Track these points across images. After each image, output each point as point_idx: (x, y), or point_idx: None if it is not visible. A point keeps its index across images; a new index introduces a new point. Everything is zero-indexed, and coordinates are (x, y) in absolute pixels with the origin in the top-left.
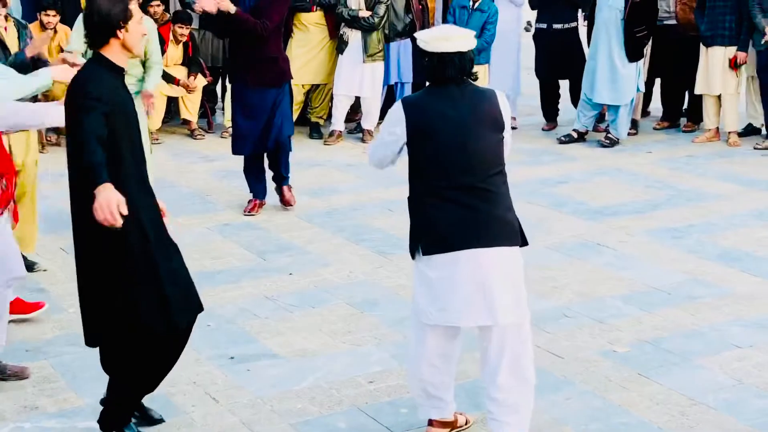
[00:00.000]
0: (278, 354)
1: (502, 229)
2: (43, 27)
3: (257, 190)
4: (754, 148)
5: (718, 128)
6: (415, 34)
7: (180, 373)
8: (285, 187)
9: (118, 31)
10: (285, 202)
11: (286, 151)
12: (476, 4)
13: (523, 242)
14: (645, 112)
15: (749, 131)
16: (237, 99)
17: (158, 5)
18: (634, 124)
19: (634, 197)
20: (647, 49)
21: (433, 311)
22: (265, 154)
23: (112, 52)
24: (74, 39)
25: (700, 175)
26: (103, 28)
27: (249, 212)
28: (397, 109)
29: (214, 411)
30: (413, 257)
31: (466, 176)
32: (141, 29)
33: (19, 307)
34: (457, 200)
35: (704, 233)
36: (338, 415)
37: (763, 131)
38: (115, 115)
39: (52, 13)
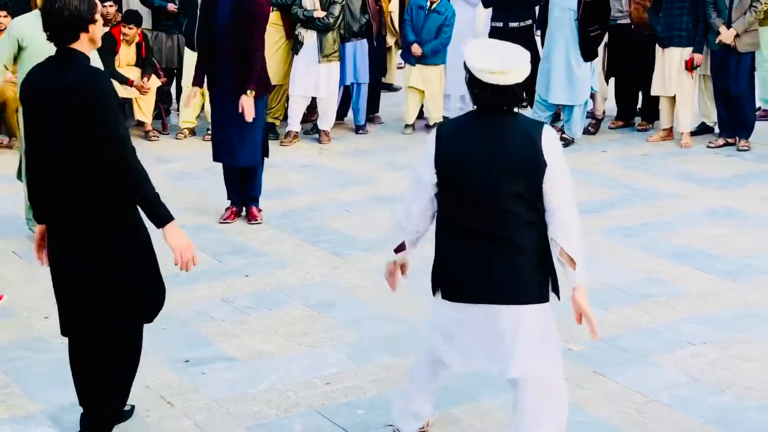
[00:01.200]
0: (234, 357)
1: (514, 286)
2: None
3: (236, 198)
4: (707, 147)
5: (672, 127)
6: (468, 59)
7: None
8: (254, 208)
9: (89, 25)
10: (251, 217)
11: (260, 169)
12: (433, 6)
13: (543, 298)
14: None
15: (702, 130)
16: (224, 106)
17: (111, 5)
18: (597, 122)
19: (590, 197)
20: (601, 49)
21: (447, 350)
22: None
23: (80, 46)
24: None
25: (654, 173)
26: (75, 24)
27: (225, 220)
28: (430, 141)
29: (168, 415)
30: (434, 294)
31: (488, 223)
32: (101, 19)
33: None
34: (477, 248)
35: (659, 232)
36: (294, 417)
37: (716, 129)
38: None
39: (3, 13)
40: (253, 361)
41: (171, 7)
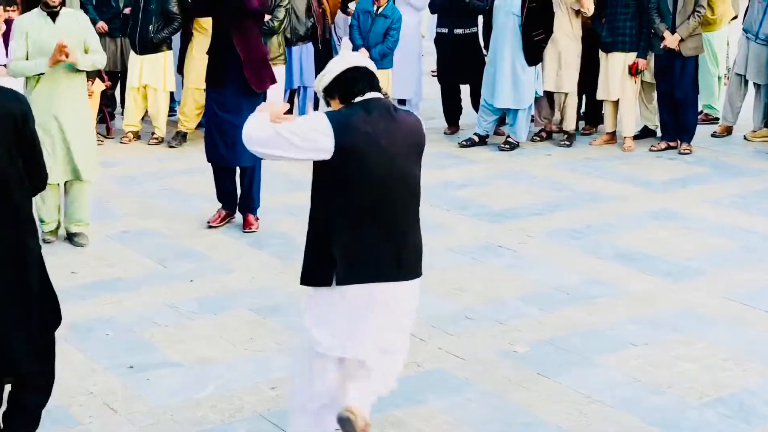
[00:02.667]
0: (178, 362)
1: (415, 262)
2: None
3: (228, 200)
4: (650, 150)
5: (615, 131)
6: (318, 77)
7: (77, 384)
8: (251, 216)
9: None
10: (246, 225)
11: (259, 171)
12: (380, 10)
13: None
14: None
15: (645, 133)
16: (227, 103)
17: None
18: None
19: (534, 199)
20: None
21: (337, 343)
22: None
23: None
24: None
25: (598, 177)
26: None
27: (213, 224)
28: (322, 122)
29: (112, 421)
30: (319, 285)
31: (391, 206)
32: None
33: None
34: (379, 230)
35: (601, 234)
36: (240, 423)
37: (658, 133)
38: None
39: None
40: (198, 366)
41: (100, 26)
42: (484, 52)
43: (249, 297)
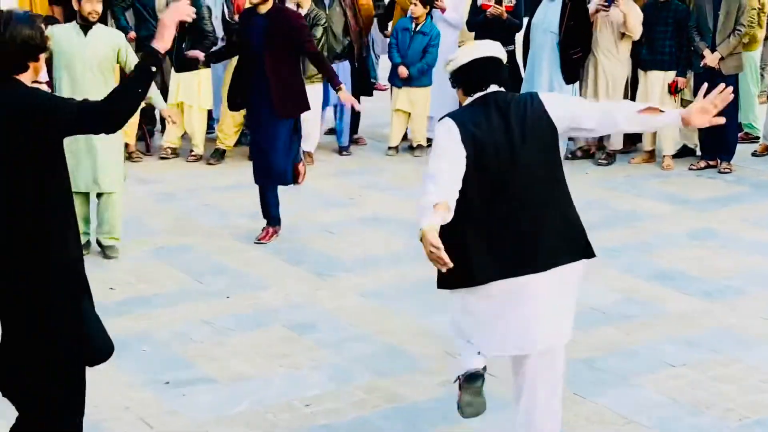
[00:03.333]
0: (214, 378)
1: (554, 249)
2: None
3: (272, 216)
4: (689, 169)
5: (654, 150)
6: (450, 64)
7: (113, 399)
8: (299, 165)
9: (39, 54)
10: (296, 177)
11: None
12: (418, 27)
13: (587, 253)
14: None
15: (684, 152)
16: (263, 128)
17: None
18: (611, 155)
19: None
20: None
21: (484, 342)
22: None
23: (25, 77)
24: None
25: (636, 195)
26: (26, 53)
27: (260, 240)
28: (449, 123)
29: None
30: (453, 287)
31: (511, 200)
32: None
33: None
34: (500, 226)
35: (639, 253)
36: None
37: (698, 152)
38: None
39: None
40: (233, 382)
41: (130, 36)
42: (522, 70)
43: (284, 314)
